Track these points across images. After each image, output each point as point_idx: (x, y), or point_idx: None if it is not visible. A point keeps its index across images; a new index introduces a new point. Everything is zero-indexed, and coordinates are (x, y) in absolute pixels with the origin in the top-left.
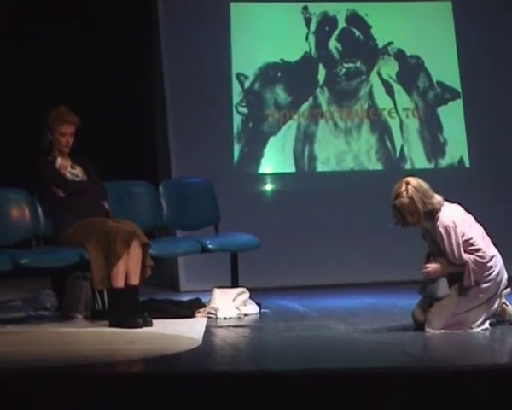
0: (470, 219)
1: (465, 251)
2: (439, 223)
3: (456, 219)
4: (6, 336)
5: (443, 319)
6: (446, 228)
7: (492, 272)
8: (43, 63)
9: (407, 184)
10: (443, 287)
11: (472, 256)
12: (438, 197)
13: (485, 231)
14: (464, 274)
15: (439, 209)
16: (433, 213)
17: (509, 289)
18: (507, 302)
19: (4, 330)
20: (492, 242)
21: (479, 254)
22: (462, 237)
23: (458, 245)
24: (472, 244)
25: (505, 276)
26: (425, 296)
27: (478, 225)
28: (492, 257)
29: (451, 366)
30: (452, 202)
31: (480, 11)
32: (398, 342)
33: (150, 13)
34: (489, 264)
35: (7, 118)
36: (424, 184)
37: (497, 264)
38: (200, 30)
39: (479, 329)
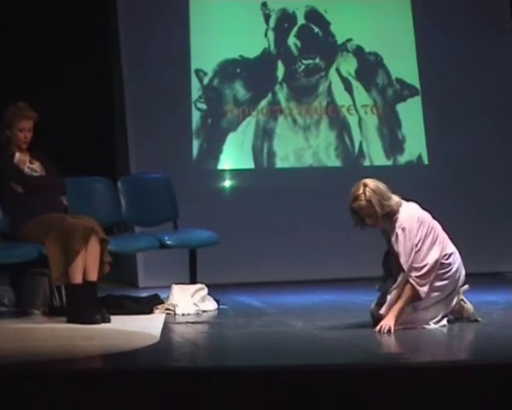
0: (427, 218)
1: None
2: (396, 224)
3: (414, 221)
4: None
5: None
6: (403, 230)
7: (450, 270)
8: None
9: (365, 186)
10: None
11: (414, 273)
12: (395, 198)
13: (443, 228)
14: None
15: (397, 211)
16: (391, 215)
17: (466, 286)
18: (465, 299)
19: None
20: (450, 239)
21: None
22: (417, 244)
23: (411, 250)
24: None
25: (463, 272)
26: (383, 293)
27: (434, 223)
28: (451, 254)
29: (407, 362)
30: (408, 200)
31: (438, 8)
32: (356, 338)
33: (109, 8)
34: (447, 261)
35: None
36: (382, 186)
37: (456, 261)
38: (159, 25)
39: (436, 326)
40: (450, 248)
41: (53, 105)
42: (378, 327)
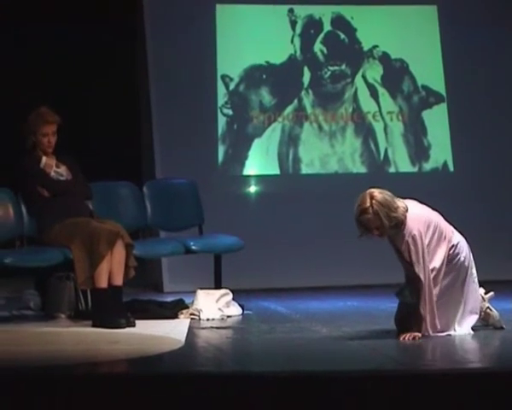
0: (431, 215)
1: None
2: (405, 233)
3: (422, 226)
4: None
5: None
6: (413, 238)
7: (459, 260)
8: (25, 63)
9: (371, 198)
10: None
11: (429, 278)
12: (401, 206)
13: (467, 236)
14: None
15: (405, 218)
16: (398, 224)
17: (492, 294)
18: (491, 307)
19: None
20: (473, 244)
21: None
22: (428, 245)
23: (423, 256)
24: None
25: (471, 257)
26: (402, 301)
27: (437, 218)
28: (457, 245)
29: (430, 369)
30: (405, 198)
31: (464, 15)
32: (380, 345)
33: (136, 13)
34: (454, 252)
35: None
36: (388, 197)
37: (463, 249)
38: (185, 31)
39: (462, 332)
40: (456, 237)
41: (80, 111)
42: (403, 336)
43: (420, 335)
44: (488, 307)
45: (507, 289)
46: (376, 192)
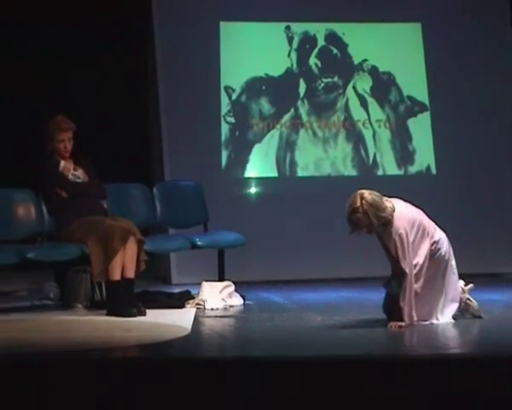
0: (415, 214)
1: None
2: (392, 231)
3: (407, 224)
4: (12, 324)
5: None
6: (400, 236)
7: (440, 254)
8: (44, 67)
9: (362, 198)
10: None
11: (412, 273)
12: (389, 206)
13: (449, 233)
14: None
15: (392, 217)
16: (386, 223)
17: (471, 285)
18: (470, 298)
19: (11, 318)
20: (456, 242)
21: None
22: (412, 242)
23: (408, 252)
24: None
25: (451, 250)
26: (388, 293)
27: (421, 216)
28: (438, 240)
29: (415, 354)
30: (391, 197)
31: (446, 32)
32: (370, 332)
33: (146, 28)
34: (436, 248)
35: (14, 125)
36: (377, 198)
37: (443, 244)
38: (192, 46)
39: (444, 320)
40: (437, 234)
41: (95, 119)
42: (390, 324)
43: (404, 324)
44: (468, 299)
45: (485, 282)
46: (366, 193)
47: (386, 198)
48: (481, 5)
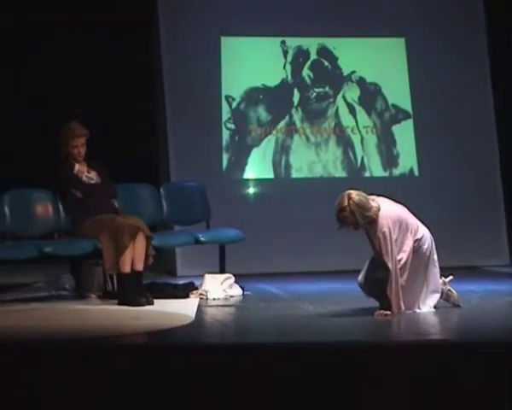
0: (399, 212)
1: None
2: (377, 229)
3: (391, 223)
4: (31, 312)
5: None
6: (384, 234)
7: (422, 250)
8: (62, 74)
9: (349, 198)
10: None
11: (396, 267)
12: (374, 206)
13: (430, 229)
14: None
15: (377, 217)
16: (371, 221)
17: (451, 277)
18: (451, 289)
19: (30, 307)
20: (436, 238)
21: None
22: (395, 240)
23: (391, 249)
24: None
25: (433, 245)
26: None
27: (405, 215)
28: (421, 238)
29: (400, 341)
30: (379, 195)
31: (428, 46)
32: (358, 320)
33: (155, 42)
34: (419, 245)
35: (33, 130)
36: (363, 198)
37: (425, 241)
38: (196, 59)
39: (426, 309)
40: (420, 231)
41: (109, 127)
42: (377, 313)
43: (390, 312)
44: (449, 290)
45: (464, 274)
46: (353, 194)
47: (372, 198)
48: (459, 20)
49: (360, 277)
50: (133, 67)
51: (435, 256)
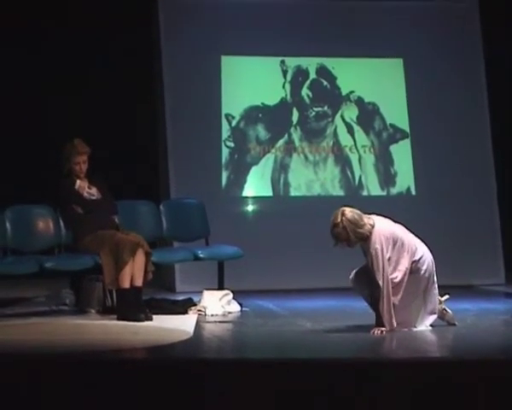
0: (396, 232)
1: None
2: (370, 246)
3: (384, 240)
4: (31, 327)
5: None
6: (376, 251)
7: (420, 273)
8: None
9: (342, 215)
10: None
11: (388, 285)
12: (368, 223)
13: (430, 249)
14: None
15: (370, 234)
16: (364, 238)
17: (447, 296)
18: (446, 309)
19: (30, 322)
20: (433, 255)
21: (398, 276)
22: (389, 260)
23: (383, 268)
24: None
25: (433, 270)
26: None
27: (403, 235)
28: (419, 259)
29: (396, 358)
30: (378, 214)
31: (425, 66)
32: (354, 337)
33: (155, 61)
34: (417, 267)
35: (36, 147)
36: (357, 215)
37: (424, 263)
38: (196, 78)
39: (422, 328)
40: (419, 252)
41: (112, 145)
42: (373, 330)
43: (385, 329)
44: (444, 309)
45: (459, 293)
46: (347, 211)
47: (368, 216)
48: (457, 41)
49: (352, 274)
50: (134, 87)
51: (435, 278)
